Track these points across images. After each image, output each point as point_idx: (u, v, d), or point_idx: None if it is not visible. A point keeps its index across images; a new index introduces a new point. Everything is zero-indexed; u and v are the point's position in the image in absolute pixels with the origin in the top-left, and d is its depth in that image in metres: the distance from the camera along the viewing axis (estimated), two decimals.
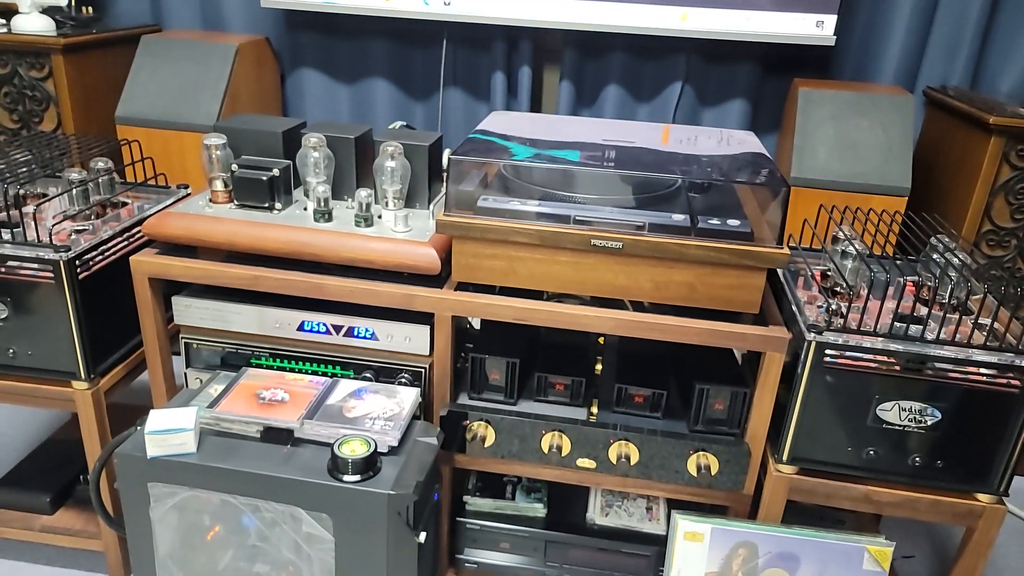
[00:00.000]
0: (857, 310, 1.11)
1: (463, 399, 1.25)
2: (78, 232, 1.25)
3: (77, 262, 1.18)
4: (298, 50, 2.38)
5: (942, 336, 1.06)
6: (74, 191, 1.30)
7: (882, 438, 1.11)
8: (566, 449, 1.19)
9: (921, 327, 1.07)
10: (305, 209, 1.25)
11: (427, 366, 1.21)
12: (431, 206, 1.29)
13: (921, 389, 1.07)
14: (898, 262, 1.22)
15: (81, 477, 1.49)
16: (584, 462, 1.20)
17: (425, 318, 1.19)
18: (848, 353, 1.06)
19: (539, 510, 1.34)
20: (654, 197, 1.17)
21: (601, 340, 1.42)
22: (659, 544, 1.29)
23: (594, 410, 1.24)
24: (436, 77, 2.32)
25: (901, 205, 1.79)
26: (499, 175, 1.21)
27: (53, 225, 1.22)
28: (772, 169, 1.18)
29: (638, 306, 1.20)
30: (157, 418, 1.03)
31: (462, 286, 1.18)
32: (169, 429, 1.02)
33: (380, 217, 1.23)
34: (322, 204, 1.21)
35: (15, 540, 1.44)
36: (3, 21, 2.08)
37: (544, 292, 1.21)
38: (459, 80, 2.33)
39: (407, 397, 1.14)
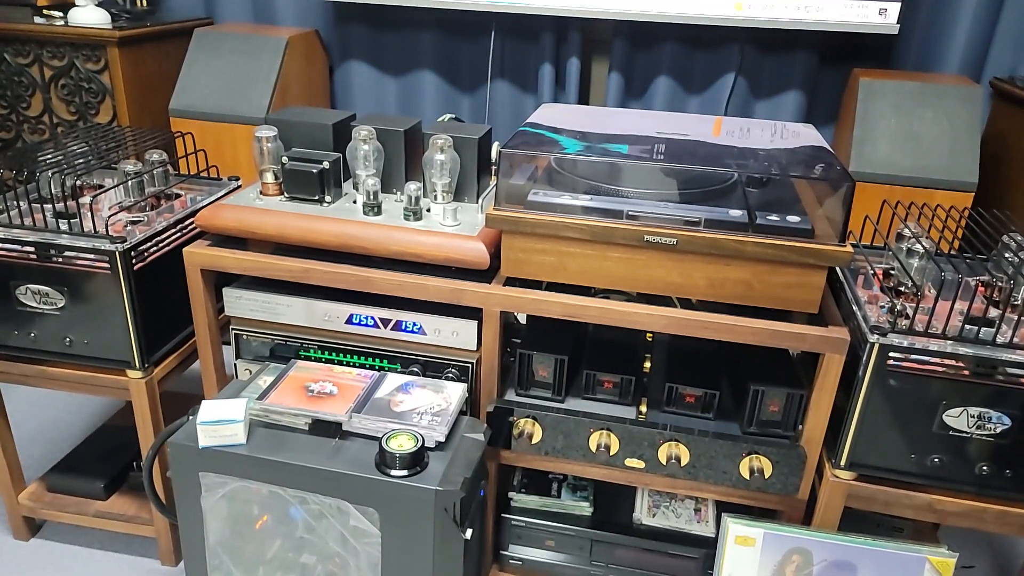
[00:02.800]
0: (923, 311, 1.06)
1: (510, 395, 1.23)
2: (133, 223, 1.27)
3: (132, 253, 1.20)
4: (347, 42, 2.39)
5: (1015, 340, 1.01)
6: (130, 183, 1.32)
7: (948, 445, 1.06)
8: (614, 448, 1.17)
9: (992, 330, 1.02)
10: (354, 202, 1.25)
11: (474, 361, 1.20)
12: (480, 200, 1.27)
13: (991, 395, 1.02)
14: (967, 261, 1.16)
15: (134, 464, 1.52)
16: (632, 462, 1.18)
17: (473, 313, 1.18)
18: (913, 356, 1.02)
19: (585, 508, 1.32)
20: (709, 192, 1.13)
21: (649, 337, 1.39)
22: (707, 546, 1.26)
23: (643, 409, 1.21)
24: (484, 69, 2.31)
25: (967, 200, 1.72)
26: (549, 169, 1.19)
27: (109, 216, 1.24)
28: (834, 163, 1.14)
29: (686, 303, 1.17)
30: (208, 409, 1.04)
31: (511, 281, 1.17)
32: (220, 420, 1.03)
33: (429, 211, 1.22)
34: (371, 197, 1.20)
35: (70, 524, 1.48)
36: (60, 14, 2.14)
37: (592, 288, 1.18)
38: (507, 72, 2.32)
39: (454, 392, 1.14)
